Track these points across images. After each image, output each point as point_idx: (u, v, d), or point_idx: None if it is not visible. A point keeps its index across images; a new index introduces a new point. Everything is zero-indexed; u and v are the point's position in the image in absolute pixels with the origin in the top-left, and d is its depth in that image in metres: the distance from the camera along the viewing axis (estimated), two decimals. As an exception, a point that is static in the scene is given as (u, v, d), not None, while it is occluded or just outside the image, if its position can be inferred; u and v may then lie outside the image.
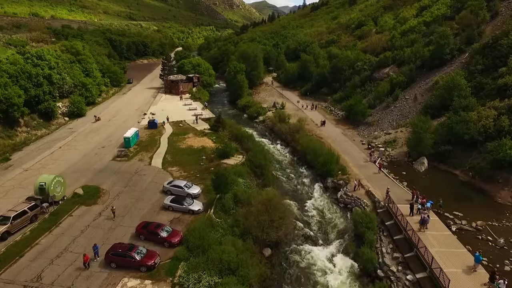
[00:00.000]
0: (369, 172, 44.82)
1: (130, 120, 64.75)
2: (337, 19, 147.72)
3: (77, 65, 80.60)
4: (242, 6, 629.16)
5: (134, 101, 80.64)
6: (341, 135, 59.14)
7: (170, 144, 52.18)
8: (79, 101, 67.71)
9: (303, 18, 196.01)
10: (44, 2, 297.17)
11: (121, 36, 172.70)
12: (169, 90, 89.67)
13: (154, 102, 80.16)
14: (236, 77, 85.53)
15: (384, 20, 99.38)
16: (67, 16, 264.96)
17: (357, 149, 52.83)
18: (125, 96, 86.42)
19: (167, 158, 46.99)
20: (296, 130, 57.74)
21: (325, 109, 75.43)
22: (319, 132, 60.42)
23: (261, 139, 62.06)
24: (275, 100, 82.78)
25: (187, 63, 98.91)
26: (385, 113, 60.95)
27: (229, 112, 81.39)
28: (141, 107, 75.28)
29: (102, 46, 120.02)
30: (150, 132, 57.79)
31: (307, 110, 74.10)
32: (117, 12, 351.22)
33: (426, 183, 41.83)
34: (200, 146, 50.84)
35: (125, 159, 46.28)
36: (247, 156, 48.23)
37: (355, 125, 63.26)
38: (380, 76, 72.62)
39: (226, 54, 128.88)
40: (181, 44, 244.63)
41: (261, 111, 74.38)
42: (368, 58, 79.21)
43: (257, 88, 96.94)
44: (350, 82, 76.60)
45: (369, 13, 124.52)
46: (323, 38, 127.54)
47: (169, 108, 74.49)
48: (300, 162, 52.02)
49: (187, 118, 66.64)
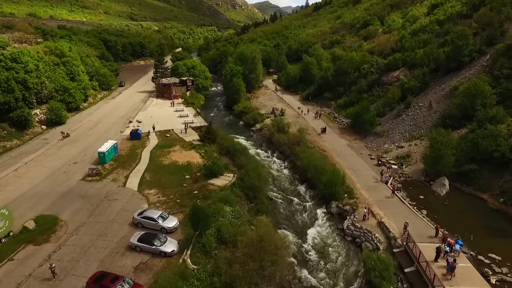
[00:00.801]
0: (380, 195, 37.89)
1: (113, 129, 58.16)
2: (341, 18, 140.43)
3: (62, 68, 74.30)
4: (245, 6, 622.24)
5: (121, 107, 74.10)
6: (346, 148, 52.19)
7: (152, 159, 45.50)
8: (58, 108, 61.17)
9: (306, 18, 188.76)
10: (44, 2, 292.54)
11: (118, 36, 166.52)
12: (161, 94, 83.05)
13: (144, 107, 73.53)
14: (232, 80, 78.78)
15: (392, 19, 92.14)
16: (67, 17, 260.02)
17: (365, 165, 45.87)
18: (113, 101, 79.89)
19: (146, 177, 40.28)
20: (296, 142, 50.86)
21: (329, 116, 68.45)
22: (322, 144, 53.53)
23: (257, 151, 55.30)
24: (274, 105, 75.90)
25: (181, 65, 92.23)
26: (396, 122, 53.88)
27: (224, 119, 74.68)
28: (128, 113, 68.69)
29: (94, 47, 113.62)
30: (132, 144, 51.14)
31: (310, 118, 67.15)
32: (119, 12, 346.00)
33: (449, 210, 34.88)
34: (186, 162, 44.09)
35: (96, 179, 39.64)
36: (239, 175, 41.48)
37: (362, 135, 56.28)
38: (389, 80, 65.53)
39: (224, 55, 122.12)
40: (181, 45, 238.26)
41: (259, 118, 67.53)
42: (376, 60, 72.11)
43: (255, 92, 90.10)
44: (356, 86, 69.58)
45: (375, 12, 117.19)
46: (327, 38, 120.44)
47: (158, 114, 67.86)
48: (300, 180, 45.12)
49: (176, 126, 59.97)
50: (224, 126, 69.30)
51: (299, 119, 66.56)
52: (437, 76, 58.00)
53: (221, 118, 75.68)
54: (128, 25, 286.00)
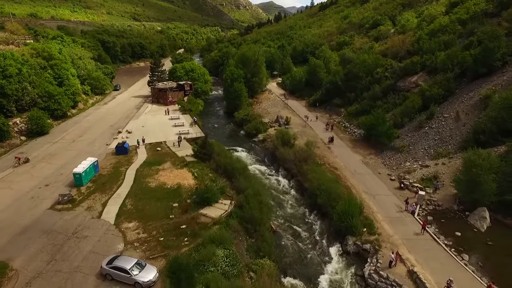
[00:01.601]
0: (407, 231, 31.05)
1: (98, 142, 51.76)
2: (348, 18, 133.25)
3: (49, 71, 68.13)
4: (249, 6, 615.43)
5: (113, 114, 67.74)
6: (361, 165, 45.32)
7: (137, 180, 38.97)
8: (39, 116, 54.92)
9: (311, 18, 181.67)
10: (47, 3, 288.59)
11: (118, 37, 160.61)
12: (157, 99, 76.63)
13: (136, 115, 67.09)
14: (233, 85, 72.14)
15: (405, 18, 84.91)
16: (69, 17, 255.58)
17: (384, 188, 39.01)
18: (104, 107, 73.55)
19: (127, 205, 33.76)
20: (304, 159, 44.08)
21: (338, 125, 61.58)
22: (333, 160, 46.73)
23: (259, 168, 48.59)
24: (279, 112, 69.15)
25: (179, 68, 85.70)
26: (418, 135, 46.89)
27: (224, 128, 68.01)
28: (118, 122, 62.27)
29: (90, 48, 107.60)
30: (116, 160, 44.66)
31: (318, 127, 60.34)
32: (122, 12, 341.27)
33: (495, 253, 27.97)
34: (175, 185, 37.51)
35: (68, 207, 33.21)
36: (237, 201, 34.88)
37: (377, 149, 49.38)
38: (406, 86, 58.51)
39: (226, 57, 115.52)
40: (184, 46, 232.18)
41: (261, 128, 60.79)
42: (390, 64, 65.09)
43: (258, 97, 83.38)
44: (369, 93, 62.59)
45: (385, 11, 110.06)
46: (334, 39, 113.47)
47: (151, 123, 61.40)
48: (309, 206, 38.36)
49: (170, 137, 53.49)
50: (224, 136, 62.79)
51: (306, 128, 59.79)
52: (463, 83, 50.91)
53: (220, 126, 69.09)
54: (131, 25, 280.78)
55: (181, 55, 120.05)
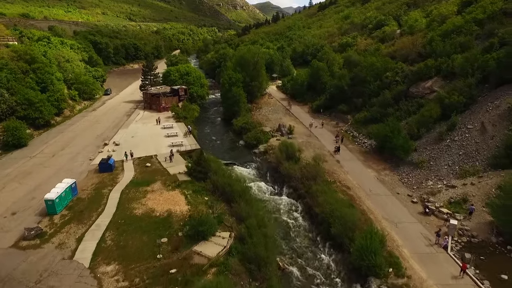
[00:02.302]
0: (442, 272, 25.71)
1: (81, 156, 46.02)
2: (350, 18, 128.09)
3: (31, 76, 62.29)
4: (246, 7, 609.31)
5: (100, 122, 61.95)
6: (376, 183, 39.97)
7: (121, 205, 33.36)
8: (16, 127, 49.11)
9: (310, 18, 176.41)
10: (40, 3, 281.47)
11: (112, 38, 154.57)
12: (149, 105, 70.90)
13: (126, 123, 61.31)
14: (231, 90, 66.57)
15: (413, 18, 79.65)
16: (63, 17, 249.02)
17: (407, 213, 33.69)
18: (92, 114, 67.70)
19: (106, 240, 28.16)
20: (312, 177, 38.67)
21: (346, 134, 56.25)
22: (344, 177, 41.34)
23: (260, 186, 43.06)
24: (280, 120, 63.75)
25: (173, 71, 79.93)
26: (439, 149, 41.57)
27: (222, 138, 62.27)
28: (106, 131, 56.52)
29: (80, 50, 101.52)
30: (100, 179, 38.98)
31: (324, 136, 55.03)
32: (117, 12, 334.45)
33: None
34: (165, 212, 31.96)
35: (35, 243, 27.59)
36: (237, 232, 29.46)
37: (392, 163, 44.05)
38: (419, 92, 53.27)
39: (223, 59, 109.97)
40: (180, 47, 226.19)
41: (262, 138, 55.24)
42: (401, 67, 59.87)
43: (258, 102, 77.87)
44: (378, 99, 57.29)
45: (389, 11, 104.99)
46: (335, 40, 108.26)
47: (142, 133, 55.72)
48: (321, 236, 32.93)
49: (161, 150, 47.88)
50: (221, 147, 57.25)
51: (311, 138, 54.41)
52: (485, 89, 45.76)
53: (217, 135, 63.48)
54: (126, 26, 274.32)
55: (176, 57, 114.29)
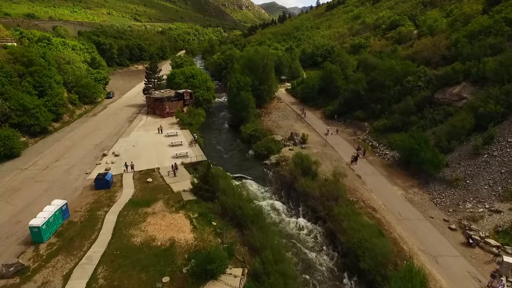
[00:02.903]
0: (502, 327, 21.08)
1: (77, 169, 41.82)
2: (361, 18, 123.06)
3: (28, 79, 58.43)
4: (251, 7, 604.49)
5: (100, 129, 57.78)
6: (404, 204, 35.25)
7: (117, 231, 29.04)
8: (8, 136, 45.04)
9: (318, 18, 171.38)
10: (46, 3, 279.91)
11: (116, 38, 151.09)
12: (153, 110, 66.66)
13: (128, 130, 57.07)
14: (239, 94, 62.08)
15: (432, 18, 74.52)
16: (68, 17, 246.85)
17: (446, 243, 28.92)
18: (93, 120, 63.58)
19: (98, 278, 23.79)
20: (333, 197, 34.08)
21: (364, 143, 51.56)
22: (368, 196, 36.68)
23: (273, 204, 38.51)
24: (292, 126, 59.22)
25: (178, 73, 75.58)
26: (476, 165, 36.72)
27: (229, 147, 57.62)
28: (105, 140, 52.34)
29: (83, 51, 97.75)
30: (95, 197, 34.72)
31: (340, 146, 50.39)
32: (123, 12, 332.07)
33: None
34: (167, 241, 27.57)
35: (14, 282, 23.35)
36: (251, 267, 25.00)
37: (420, 180, 39.27)
38: (446, 99, 48.35)
39: (230, 60, 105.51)
40: (185, 47, 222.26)
41: (273, 148, 50.71)
42: (423, 71, 54.96)
43: (267, 106, 73.33)
44: (399, 105, 52.41)
45: (404, 10, 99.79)
46: (346, 41, 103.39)
47: (144, 142, 51.43)
48: (347, 267, 28.31)
49: (165, 162, 43.55)
50: (229, 157, 52.71)
51: (327, 149, 49.78)
52: (524, 97, 40.82)
53: (225, 144, 58.97)
54: (131, 26, 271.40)
55: (181, 58, 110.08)
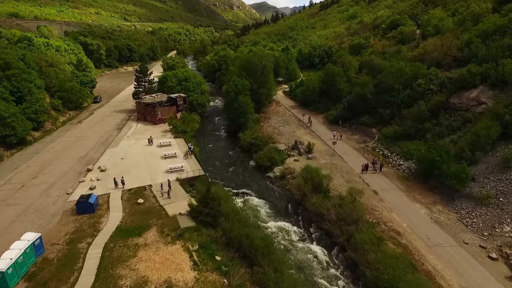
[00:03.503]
0: None
1: (57, 187, 36.53)
2: (358, 18, 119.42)
3: (5, 84, 52.72)
4: (242, 7, 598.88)
5: (85, 138, 52.30)
6: (431, 225, 31.00)
7: (102, 271, 24.02)
8: (-23, 151, 39.63)
9: (312, 18, 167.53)
10: (31, 2, 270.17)
11: (104, 38, 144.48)
12: (143, 117, 61.32)
13: (116, 140, 51.71)
14: (237, 99, 57.29)
15: (437, 17, 70.85)
16: (55, 17, 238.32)
17: (488, 277, 24.69)
18: (78, 128, 57.94)
19: None
20: (352, 220, 29.64)
21: (375, 152, 47.40)
22: (388, 215, 32.38)
23: (282, 226, 33.85)
24: (295, 134, 54.79)
25: (170, 76, 70.31)
26: (508, 180, 32.67)
27: (228, 157, 52.64)
28: (91, 151, 46.98)
29: (68, 52, 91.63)
30: (77, 224, 29.58)
31: (348, 155, 46.10)
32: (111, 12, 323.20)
33: None
34: (163, 283, 22.70)
35: None
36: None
37: (443, 195, 35.14)
38: (463, 104, 44.44)
39: (224, 61, 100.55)
40: (176, 47, 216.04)
41: (277, 158, 46.08)
42: (435, 73, 51.07)
43: (265, 111, 68.70)
44: (411, 111, 48.42)
45: (403, 10, 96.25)
46: (345, 41, 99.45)
47: (134, 153, 46.24)
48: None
49: (158, 177, 38.55)
50: (228, 169, 47.77)
51: (335, 159, 45.42)
52: (553, 102, 37.15)
53: (222, 153, 54.04)
54: (121, 26, 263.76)
55: (173, 59, 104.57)
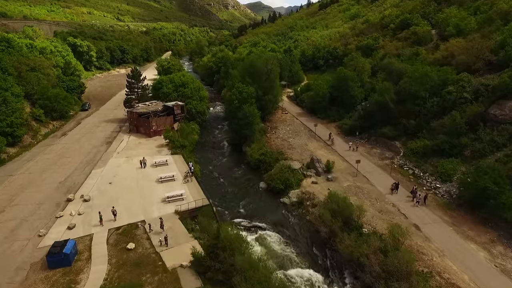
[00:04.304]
0: None
1: (27, 225, 29.18)
2: (360, 17, 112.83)
3: (-25, 93, 45.17)
4: (237, 6, 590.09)
5: (69, 155, 44.83)
6: (499, 278, 24.33)
7: None
8: None
9: (312, 17, 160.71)
10: (21, 2, 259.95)
11: (96, 39, 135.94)
12: (136, 128, 53.95)
13: (104, 157, 44.23)
14: (241, 108, 50.27)
15: (456, 16, 64.34)
16: (45, 17, 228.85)
17: None
18: (61, 142, 50.31)
19: None
20: (403, 273, 22.93)
21: (403, 170, 40.82)
22: (441, 263, 25.72)
23: (305, 275, 26.95)
24: (308, 148, 47.98)
25: (166, 81, 62.83)
26: None
27: (233, 176, 45.47)
28: (73, 173, 39.55)
29: (54, 54, 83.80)
30: (46, 286, 22.41)
31: (372, 174, 39.45)
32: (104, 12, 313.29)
33: None
34: None
35: None
36: None
37: (500, 231, 28.65)
38: (506, 116, 38.00)
39: (223, 64, 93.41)
40: (171, 48, 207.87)
41: (291, 179, 39.06)
42: (467, 79, 44.61)
43: (271, 119, 61.78)
44: (442, 122, 41.97)
45: (413, 8, 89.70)
46: (351, 42, 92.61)
47: (125, 176, 38.90)
48: None
49: (152, 211, 31.41)
50: (233, 192, 40.67)
51: (359, 180, 38.71)
52: None
53: (226, 170, 46.76)
54: (113, 26, 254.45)
55: (169, 61, 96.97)
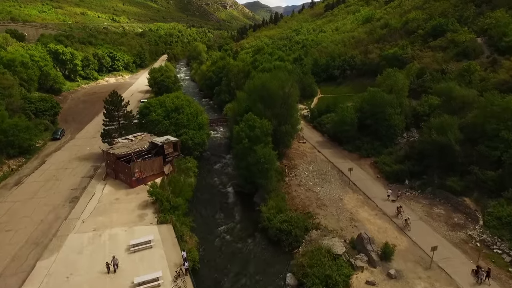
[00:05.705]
0: None
1: None
2: (378, 20, 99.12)
3: None
4: (235, 6, 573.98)
5: (10, 228, 30.89)
6: None
7: None
8: None
9: (319, 19, 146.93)
10: (11, 2, 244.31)
11: (84, 44, 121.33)
12: (115, 174, 40.24)
13: (61, 231, 30.38)
14: (252, 150, 36.64)
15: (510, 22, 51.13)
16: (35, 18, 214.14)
17: None
18: (9, 198, 36.46)
19: None
20: None
21: (491, 254, 27.62)
22: None
23: None
24: (343, 203, 34.60)
25: (155, 106, 48.68)
26: None
27: (243, 250, 31.91)
28: (8, 267, 25.99)
29: (25, 67, 69.77)
30: None
31: (454, 266, 26.22)
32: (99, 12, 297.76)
33: None
34: None
35: None
36: None
37: None
38: None
39: (225, 75, 79.95)
40: (167, 51, 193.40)
41: (335, 276, 25.60)
42: None
43: (288, 153, 48.31)
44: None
45: (443, 11, 76.17)
46: (371, 50, 79.03)
47: (86, 269, 25.47)
48: None
49: None
50: (248, 285, 27.22)
51: (433, 272, 25.45)
52: None
53: (235, 244, 32.95)
54: (107, 27, 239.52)
55: (162, 72, 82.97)
